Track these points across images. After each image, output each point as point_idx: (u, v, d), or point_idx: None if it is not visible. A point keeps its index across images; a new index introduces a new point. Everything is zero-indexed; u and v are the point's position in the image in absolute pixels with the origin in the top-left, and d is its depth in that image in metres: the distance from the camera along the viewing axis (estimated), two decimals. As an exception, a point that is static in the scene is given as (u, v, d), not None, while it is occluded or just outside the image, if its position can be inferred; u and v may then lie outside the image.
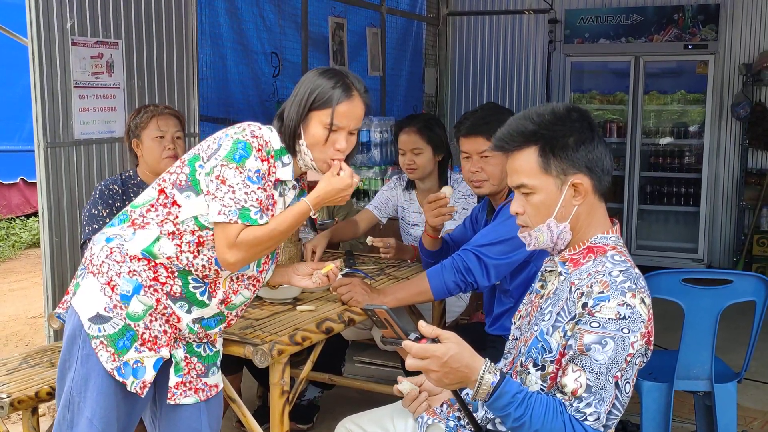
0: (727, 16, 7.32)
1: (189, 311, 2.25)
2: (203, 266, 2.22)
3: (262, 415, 3.10)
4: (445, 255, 3.13)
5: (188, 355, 2.32)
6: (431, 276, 2.81)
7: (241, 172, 2.12)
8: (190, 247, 2.20)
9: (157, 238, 2.19)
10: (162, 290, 2.21)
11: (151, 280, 2.20)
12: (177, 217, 2.20)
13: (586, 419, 1.80)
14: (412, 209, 3.98)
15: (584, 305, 1.83)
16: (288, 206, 2.30)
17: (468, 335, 1.83)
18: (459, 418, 2.15)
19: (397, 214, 4.07)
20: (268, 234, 2.18)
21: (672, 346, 3.27)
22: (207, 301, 2.27)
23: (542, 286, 2.05)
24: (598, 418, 1.80)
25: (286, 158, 2.27)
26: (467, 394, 2.00)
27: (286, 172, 2.26)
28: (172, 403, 2.31)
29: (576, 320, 1.84)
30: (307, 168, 2.33)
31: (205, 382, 2.37)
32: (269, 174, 2.21)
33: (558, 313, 1.90)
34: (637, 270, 1.91)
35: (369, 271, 3.41)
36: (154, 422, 2.43)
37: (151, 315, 2.20)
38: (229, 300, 2.31)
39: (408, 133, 3.82)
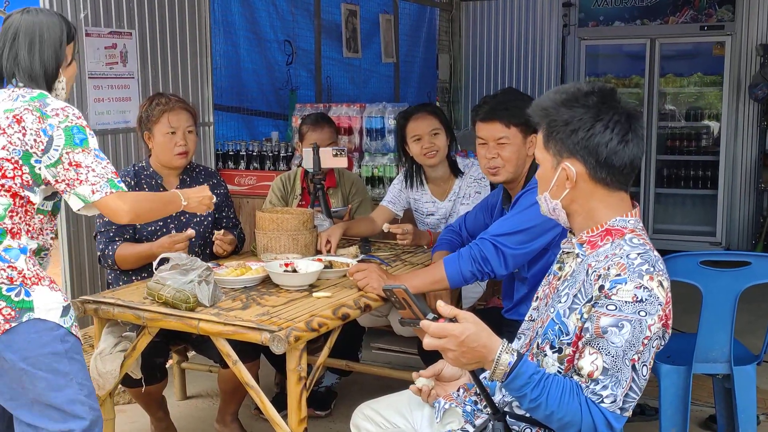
0: (744, -3, 7.24)
1: None
2: (49, 243, 2.49)
3: (279, 401, 3.11)
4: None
5: None
6: (448, 264, 2.80)
7: (88, 153, 2.30)
8: (36, 233, 2.40)
9: (27, 240, 2.35)
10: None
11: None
12: (33, 215, 2.37)
13: (602, 401, 1.80)
14: (424, 200, 3.96)
15: (601, 288, 1.82)
16: None
17: (485, 320, 1.82)
18: (476, 402, 2.15)
19: (410, 205, 4.06)
20: (146, 200, 2.57)
21: (690, 329, 3.25)
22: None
23: (560, 268, 2.04)
24: (615, 401, 1.80)
25: None
26: (485, 377, 2.00)
27: None
28: None
29: (593, 303, 1.83)
30: (58, 97, 2.46)
31: None
32: None
33: (575, 296, 1.89)
34: (656, 253, 1.89)
35: (385, 257, 3.41)
36: None
37: None
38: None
39: (422, 117, 3.78)
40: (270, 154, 5.26)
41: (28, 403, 2.31)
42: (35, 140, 2.27)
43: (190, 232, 3.20)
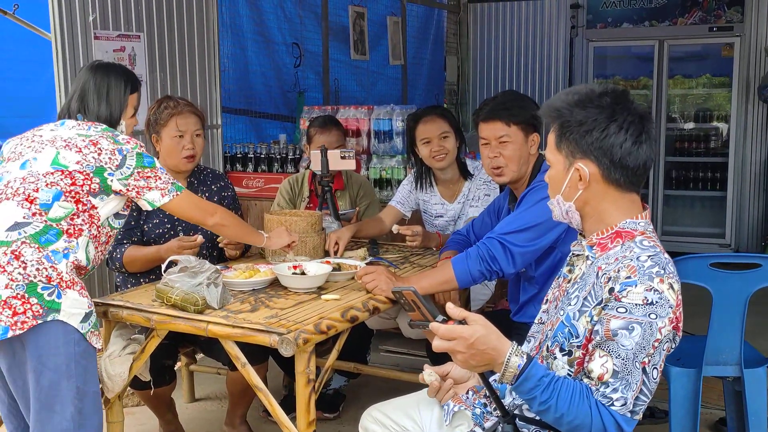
0: (753, -2, 7.21)
1: None
2: (99, 259, 2.71)
3: (288, 404, 3.11)
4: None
5: None
6: (456, 264, 2.80)
7: (155, 171, 2.69)
8: (101, 246, 2.67)
9: (87, 243, 2.58)
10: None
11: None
12: (99, 219, 2.62)
13: (612, 404, 1.79)
14: (434, 201, 3.96)
15: (611, 290, 1.81)
16: None
17: (493, 323, 1.82)
18: (485, 405, 2.14)
19: (419, 207, 4.05)
20: (235, 218, 2.99)
21: (700, 332, 3.23)
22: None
23: (570, 271, 2.04)
24: (625, 404, 1.79)
25: None
26: (494, 380, 1.99)
27: None
28: None
29: (603, 305, 1.83)
30: None
31: None
32: None
33: (585, 298, 1.89)
34: (666, 255, 1.88)
35: (393, 259, 3.41)
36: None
37: None
38: None
39: (432, 120, 3.78)
40: (278, 157, 5.26)
41: (29, 400, 2.46)
42: (110, 158, 2.60)
43: (200, 239, 3.19)
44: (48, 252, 2.44)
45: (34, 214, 2.46)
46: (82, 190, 2.55)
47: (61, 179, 2.53)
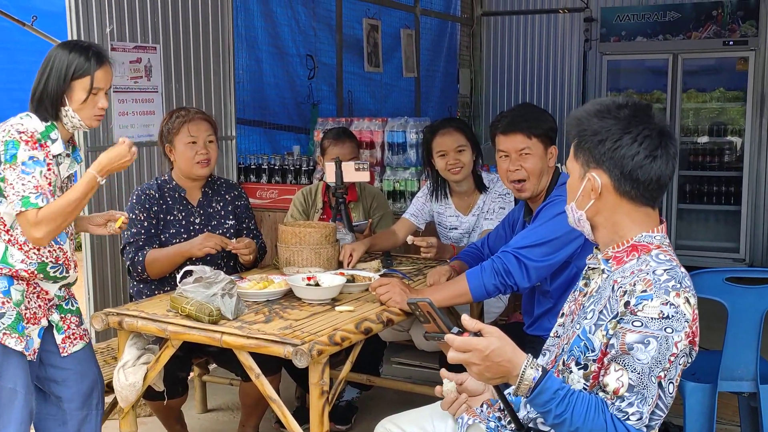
0: (768, 12, 7.19)
1: (55, 283, 2.73)
2: (50, 251, 2.66)
3: (300, 415, 3.10)
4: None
5: (63, 315, 2.79)
6: (470, 278, 2.80)
7: (14, 169, 2.50)
8: (30, 245, 2.60)
9: (6, 249, 2.59)
10: (30, 280, 2.66)
11: (17, 278, 2.62)
12: (5, 224, 2.60)
13: (628, 419, 1.78)
14: (448, 213, 3.96)
15: (627, 304, 1.81)
16: (68, 171, 2.73)
17: (507, 335, 1.81)
18: (500, 419, 2.13)
19: (434, 219, 4.05)
20: (62, 206, 2.55)
21: (715, 347, 3.21)
22: (66, 274, 2.74)
23: (586, 284, 2.03)
24: (641, 418, 1.78)
25: (54, 134, 2.64)
26: (509, 392, 1.98)
27: (57, 147, 2.64)
28: (65, 355, 2.78)
29: (618, 319, 1.82)
30: (75, 129, 2.71)
31: (85, 329, 2.88)
32: (47, 155, 2.59)
33: (600, 312, 1.88)
34: (682, 269, 1.88)
35: (407, 271, 3.40)
36: (44, 384, 2.81)
37: (26, 297, 2.65)
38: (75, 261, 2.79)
39: (448, 133, 3.78)
40: (291, 168, 5.28)
41: None
42: None
43: (233, 244, 3.29)
44: None
45: None
46: None
47: None
